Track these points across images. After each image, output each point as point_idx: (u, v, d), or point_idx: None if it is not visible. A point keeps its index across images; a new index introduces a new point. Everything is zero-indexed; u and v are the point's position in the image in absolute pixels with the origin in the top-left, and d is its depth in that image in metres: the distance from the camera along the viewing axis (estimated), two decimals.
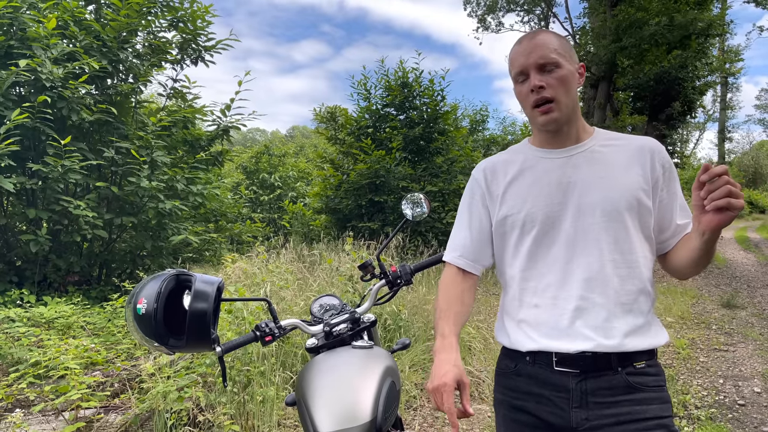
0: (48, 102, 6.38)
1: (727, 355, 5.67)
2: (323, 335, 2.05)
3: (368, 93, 13.23)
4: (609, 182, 1.53)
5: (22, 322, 5.06)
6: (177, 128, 8.26)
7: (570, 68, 1.55)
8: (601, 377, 1.48)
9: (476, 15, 29.35)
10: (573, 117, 1.58)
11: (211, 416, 3.06)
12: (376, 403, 1.68)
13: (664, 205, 1.57)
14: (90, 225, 6.92)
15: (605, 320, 1.49)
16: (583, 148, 1.60)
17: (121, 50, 7.46)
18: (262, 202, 19.06)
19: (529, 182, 1.61)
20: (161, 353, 3.63)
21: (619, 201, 1.51)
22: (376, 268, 2.13)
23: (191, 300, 1.66)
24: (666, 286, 9.41)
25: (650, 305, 1.56)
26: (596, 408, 1.47)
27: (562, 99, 1.53)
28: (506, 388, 1.65)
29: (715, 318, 7.36)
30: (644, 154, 1.57)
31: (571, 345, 1.49)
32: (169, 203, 7.32)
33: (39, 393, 3.43)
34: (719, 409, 4.30)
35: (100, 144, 7.49)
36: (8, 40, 6.61)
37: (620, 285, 1.51)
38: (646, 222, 1.54)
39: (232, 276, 5.79)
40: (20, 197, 7.26)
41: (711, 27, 13.23)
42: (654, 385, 1.49)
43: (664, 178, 1.57)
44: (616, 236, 1.51)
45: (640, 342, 1.50)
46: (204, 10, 8.44)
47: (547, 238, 1.57)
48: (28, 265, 7.16)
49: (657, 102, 15.70)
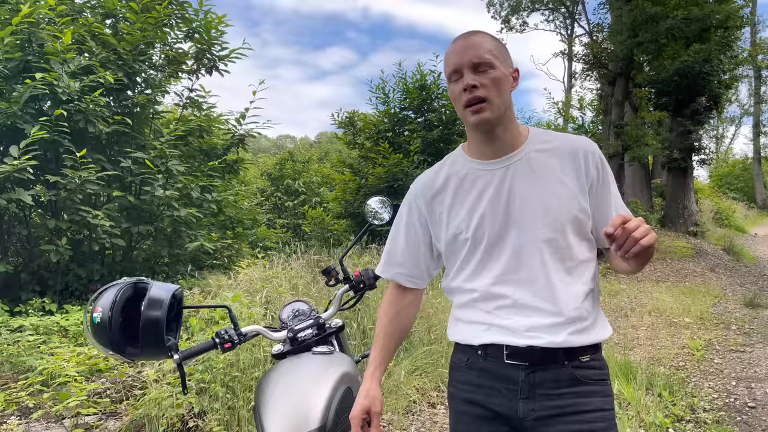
0: (64, 115, 6.55)
1: (743, 356, 5.52)
2: (288, 341, 2.07)
3: (387, 97, 13.27)
4: (547, 193, 1.56)
5: (35, 330, 5.18)
6: (193, 137, 8.41)
7: (504, 71, 1.56)
8: (549, 370, 1.54)
9: (500, 16, 29.25)
10: (505, 119, 1.59)
11: (201, 423, 3.10)
12: (327, 409, 1.69)
13: (600, 205, 1.60)
14: (108, 234, 7.08)
15: (553, 324, 1.54)
16: (519, 157, 1.61)
17: (137, 62, 7.62)
18: (286, 208, 19.25)
19: (473, 198, 1.63)
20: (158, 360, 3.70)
21: (559, 212, 1.55)
22: (340, 273, 2.14)
23: (144, 308, 1.69)
24: (688, 286, 9.20)
25: (594, 303, 1.62)
26: (542, 399, 1.53)
27: (494, 99, 1.53)
28: (458, 381, 1.70)
29: (735, 318, 7.17)
30: (577, 158, 1.59)
31: (519, 341, 1.55)
32: (184, 211, 7.44)
33: (38, 400, 3.52)
34: (728, 412, 4.18)
35: (118, 155, 7.66)
36: (26, 56, 6.81)
37: (565, 291, 1.55)
38: (584, 226, 1.59)
39: (242, 283, 5.86)
40: (41, 208, 7.45)
41: (729, 19, 12.92)
42: (597, 379, 1.57)
43: (598, 179, 1.60)
44: (558, 246, 1.56)
45: (585, 338, 1.56)
46: (218, 20, 8.58)
47: (496, 251, 1.60)
48: (50, 275, 7.33)
49: (681, 97, 15.35)
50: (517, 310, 1.56)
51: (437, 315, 5.39)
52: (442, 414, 4.06)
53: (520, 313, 1.56)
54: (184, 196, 7.74)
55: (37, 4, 6.97)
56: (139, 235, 7.73)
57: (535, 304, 1.55)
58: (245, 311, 4.05)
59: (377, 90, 13.25)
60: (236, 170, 9.00)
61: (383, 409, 1.99)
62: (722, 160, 47.31)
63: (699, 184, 26.44)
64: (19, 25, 6.55)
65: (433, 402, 4.28)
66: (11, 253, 7.46)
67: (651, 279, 9.90)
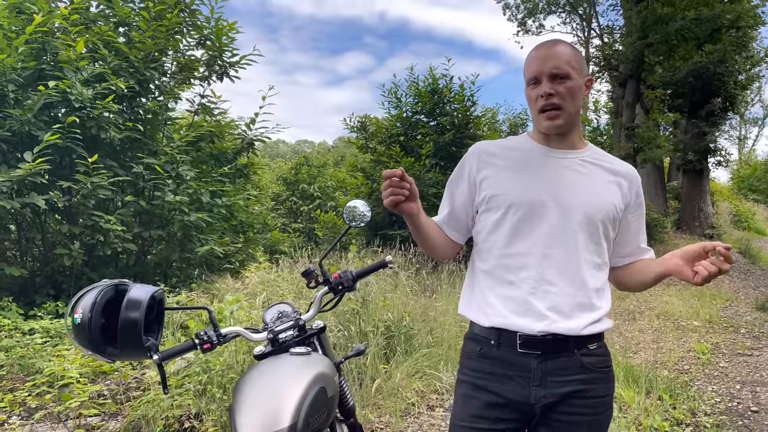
0: (77, 122, 6.68)
1: (749, 360, 5.46)
2: (269, 343, 2.11)
3: (399, 101, 13.31)
4: (593, 191, 1.72)
5: (46, 333, 5.30)
6: (204, 143, 8.52)
7: (579, 81, 1.72)
8: (559, 358, 1.67)
9: (516, 19, 29.18)
10: (574, 126, 1.77)
11: (197, 424, 3.16)
12: (299, 408, 1.72)
13: (631, 227, 1.82)
14: (120, 239, 7.20)
15: (570, 308, 1.67)
16: (577, 156, 1.78)
17: (149, 70, 7.75)
18: (301, 213, 19.34)
19: (522, 167, 1.77)
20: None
21: (599, 209, 1.70)
22: (319, 275, 2.18)
23: (122, 309, 1.74)
24: (698, 289, 9.10)
25: (605, 301, 1.76)
26: (553, 386, 1.66)
27: (568, 107, 1.70)
28: (470, 369, 1.79)
29: (745, 321, 7.09)
30: (624, 180, 1.78)
31: (534, 324, 1.66)
32: (195, 216, 7.54)
33: (41, 401, 3.61)
34: (730, 416, 4.15)
35: (131, 160, 7.79)
36: (40, 65, 6.97)
37: (588, 281, 1.70)
38: (612, 234, 1.77)
39: (249, 286, 5.93)
40: (55, 213, 7.60)
41: (740, 19, 12.77)
42: (602, 366, 1.72)
43: (635, 204, 1.80)
44: (591, 239, 1.71)
45: (594, 328, 1.70)
46: (228, 27, 8.70)
47: (531, 223, 1.71)
48: (64, 278, 7.48)
49: (696, 99, 15.19)
50: (538, 285, 1.68)
51: (438, 318, 5.41)
52: (440, 417, 4.08)
53: (540, 288, 1.68)
54: (194, 201, 7.84)
55: (51, 13, 7.13)
56: (150, 239, 7.86)
57: (558, 283, 1.67)
58: (243, 314, 4.11)
59: (389, 94, 13.31)
60: (246, 175, 9.09)
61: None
62: (745, 162, 46.61)
63: (717, 185, 26.09)
64: (33, 34, 6.70)
65: (432, 405, 4.30)
66: (27, 258, 7.61)
67: (662, 282, 9.79)
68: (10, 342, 4.83)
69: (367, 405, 4.09)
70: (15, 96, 6.73)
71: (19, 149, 6.69)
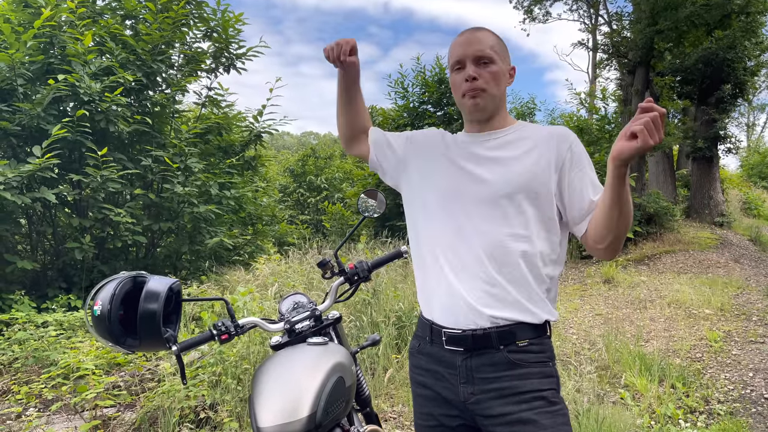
0: (86, 116, 6.70)
1: (762, 348, 5.44)
2: (285, 333, 2.11)
3: (405, 91, 13.27)
4: (510, 166, 1.65)
5: (60, 326, 5.34)
6: (212, 135, 8.53)
7: (502, 66, 1.70)
8: (484, 355, 1.60)
9: (522, 6, 28.95)
10: (498, 109, 1.73)
11: (213, 414, 3.18)
12: (318, 398, 1.72)
13: (574, 185, 1.63)
14: (130, 231, 7.24)
15: (489, 297, 1.59)
16: (498, 135, 1.73)
17: (156, 62, 7.75)
18: (309, 204, 19.35)
19: (445, 152, 1.78)
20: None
21: (516, 182, 1.61)
22: (335, 266, 2.18)
23: (141, 300, 1.75)
24: (710, 277, 9.06)
25: (541, 286, 1.63)
26: (480, 383, 1.60)
27: (491, 90, 1.67)
28: (414, 365, 1.81)
29: (758, 309, 7.05)
30: (550, 141, 1.66)
31: (457, 321, 1.62)
32: (204, 208, 7.57)
33: (57, 393, 3.64)
34: (743, 403, 4.14)
35: (139, 153, 7.82)
36: (48, 59, 6.98)
37: (509, 264, 1.60)
38: (544, 205, 1.62)
39: (260, 278, 5.94)
40: (67, 207, 7.64)
41: (750, 4, 12.64)
42: (535, 361, 1.60)
43: (571, 160, 1.64)
44: (510, 216, 1.61)
45: (522, 319, 1.59)
46: (235, 18, 8.68)
47: (450, 205, 1.69)
48: (75, 272, 7.53)
49: (705, 85, 15.07)
50: (459, 272, 1.63)
51: None
52: None
53: (463, 276, 1.62)
54: (203, 193, 7.87)
55: (58, 7, 7.13)
56: (160, 231, 7.89)
57: (478, 270, 1.60)
58: (255, 305, 4.12)
59: (396, 84, 13.27)
60: (254, 167, 9.10)
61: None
62: (753, 149, 46.24)
63: (726, 173, 25.90)
64: (41, 29, 6.71)
65: None
66: (39, 251, 7.66)
67: (672, 270, 9.77)
68: (24, 335, 4.86)
69: (379, 395, 4.10)
70: (24, 90, 6.74)
71: (29, 143, 6.72)
